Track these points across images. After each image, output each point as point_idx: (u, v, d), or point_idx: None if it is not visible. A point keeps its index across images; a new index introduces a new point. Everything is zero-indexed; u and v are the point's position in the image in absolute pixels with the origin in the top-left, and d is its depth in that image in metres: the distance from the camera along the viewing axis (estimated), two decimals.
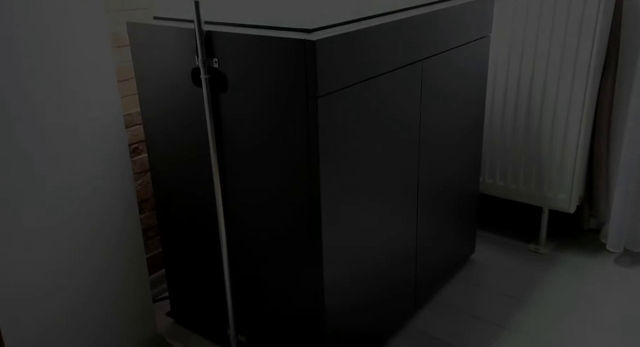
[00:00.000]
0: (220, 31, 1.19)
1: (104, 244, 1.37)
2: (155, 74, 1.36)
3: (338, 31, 1.13)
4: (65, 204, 1.28)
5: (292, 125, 1.16)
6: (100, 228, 1.35)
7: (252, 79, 1.19)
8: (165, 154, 1.45)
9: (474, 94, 1.70)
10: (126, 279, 1.44)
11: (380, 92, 1.29)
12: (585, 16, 1.71)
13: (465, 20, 1.54)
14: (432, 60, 1.44)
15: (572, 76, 1.79)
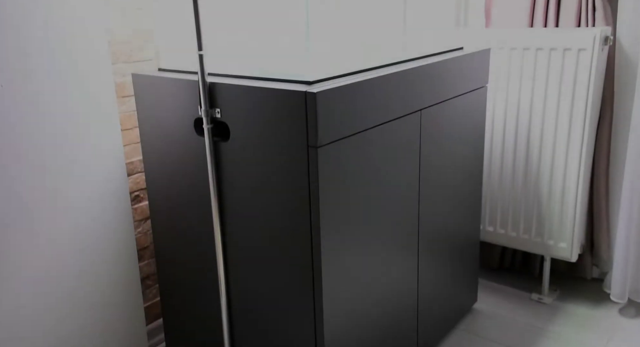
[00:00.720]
0: (223, 83, 1.22)
1: (101, 292, 1.35)
2: (159, 123, 1.39)
3: (338, 83, 1.16)
4: (64, 251, 1.27)
5: (293, 175, 1.17)
6: (99, 275, 1.34)
7: (253, 128, 1.21)
8: (166, 202, 1.46)
9: (472, 143, 1.72)
10: (123, 328, 1.41)
11: (380, 142, 1.31)
12: (580, 67, 1.75)
13: (463, 72, 1.58)
14: (430, 110, 1.47)
15: (568, 124, 1.82)
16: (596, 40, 1.70)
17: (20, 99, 1.18)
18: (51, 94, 1.22)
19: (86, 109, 1.29)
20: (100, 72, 1.30)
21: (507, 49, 1.86)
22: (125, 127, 1.57)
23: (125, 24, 1.51)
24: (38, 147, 1.20)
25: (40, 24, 1.20)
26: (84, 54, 1.28)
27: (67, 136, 1.25)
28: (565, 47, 1.75)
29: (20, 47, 1.17)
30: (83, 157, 1.28)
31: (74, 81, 1.27)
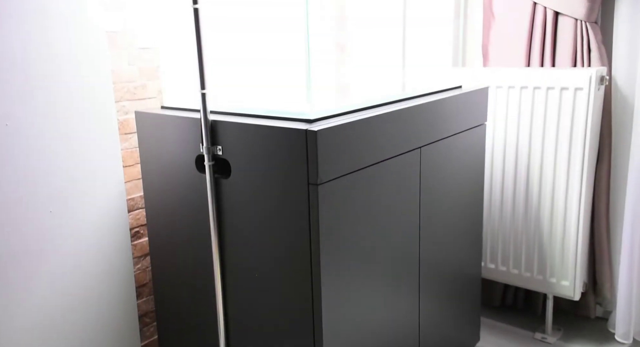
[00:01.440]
0: (225, 120, 1.23)
1: (98, 329, 1.34)
2: (160, 159, 1.40)
3: (339, 121, 1.18)
4: (61, 287, 1.26)
5: (293, 212, 1.18)
6: (96, 312, 1.33)
7: (254, 165, 1.21)
8: (166, 239, 1.45)
9: (472, 180, 1.72)
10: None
11: (380, 179, 1.32)
12: (577, 106, 1.78)
13: (462, 110, 1.60)
14: (430, 147, 1.48)
15: (567, 162, 1.83)
16: (592, 80, 1.72)
17: (24, 136, 1.20)
18: (54, 131, 1.23)
19: (89, 146, 1.30)
20: (103, 110, 1.32)
21: (505, 87, 1.89)
22: (127, 164, 1.58)
23: (130, 62, 1.54)
24: (40, 183, 1.20)
25: (44, 62, 1.22)
26: (88, 92, 1.30)
27: (70, 172, 1.26)
28: (562, 86, 1.78)
29: (24, 85, 1.19)
30: (84, 193, 1.29)
31: (78, 119, 1.29)
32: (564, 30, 1.86)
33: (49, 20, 1.21)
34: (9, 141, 1.18)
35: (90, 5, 1.29)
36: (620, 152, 1.92)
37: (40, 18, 1.20)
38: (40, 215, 1.21)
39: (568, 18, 1.83)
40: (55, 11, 1.22)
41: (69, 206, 1.26)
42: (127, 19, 1.51)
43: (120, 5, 1.49)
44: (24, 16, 1.18)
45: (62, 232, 1.25)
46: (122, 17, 1.50)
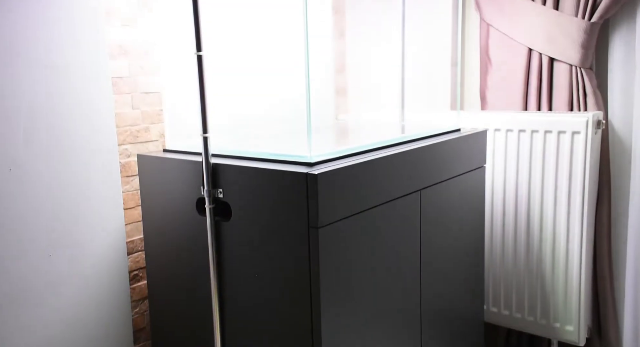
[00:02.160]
0: (226, 164, 1.25)
1: None
2: (161, 202, 1.40)
3: (339, 164, 1.19)
4: (57, 331, 1.24)
5: (294, 255, 1.17)
6: None
7: (255, 208, 1.22)
8: (165, 282, 1.44)
9: (472, 223, 1.72)
10: None
11: (380, 222, 1.32)
12: (575, 149, 1.79)
13: (461, 152, 1.61)
14: (430, 190, 1.49)
15: (567, 205, 1.83)
16: (589, 124, 1.75)
17: (26, 181, 1.20)
18: (57, 176, 1.24)
19: (90, 189, 1.31)
20: (106, 154, 1.33)
21: (503, 130, 1.91)
22: (127, 206, 1.59)
23: (134, 106, 1.57)
24: (40, 227, 1.21)
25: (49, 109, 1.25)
26: (92, 137, 1.32)
27: (70, 216, 1.26)
28: (559, 130, 1.80)
29: (29, 130, 1.21)
30: (85, 237, 1.29)
31: (81, 163, 1.30)
32: (559, 76, 1.90)
33: (55, 69, 1.25)
34: (11, 186, 1.19)
35: (95, 53, 1.33)
36: (620, 195, 1.93)
37: (46, 67, 1.23)
38: (39, 259, 1.21)
39: (563, 64, 1.87)
40: (61, 60, 1.25)
41: (68, 250, 1.25)
42: (131, 65, 1.55)
43: (124, 51, 1.53)
44: (30, 65, 1.21)
45: (61, 277, 1.24)
46: (126, 63, 1.53)
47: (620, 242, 1.95)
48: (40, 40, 1.22)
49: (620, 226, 1.94)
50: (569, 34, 1.83)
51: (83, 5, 1.29)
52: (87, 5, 1.30)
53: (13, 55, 1.18)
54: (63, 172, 1.27)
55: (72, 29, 1.27)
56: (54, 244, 1.24)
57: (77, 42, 1.28)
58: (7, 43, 1.17)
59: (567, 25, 1.83)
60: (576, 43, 1.83)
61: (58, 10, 1.25)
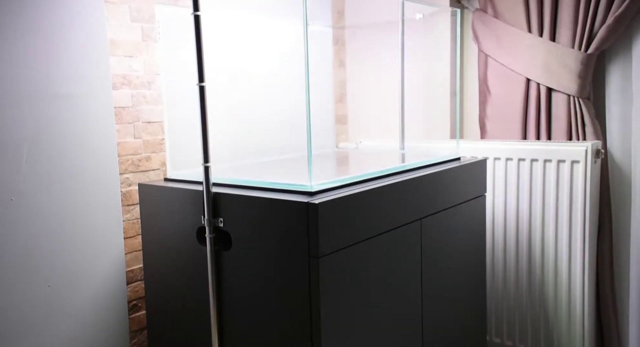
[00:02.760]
0: (227, 193, 1.25)
1: None
2: (161, 231, 1.40)
3: (339, 194, 1.19)
4: None
5: (294, 285, 1.16)
6: None
7: (255, 238, 1.22)
8: (164, 312, 1.43)
9: (473, 252, 1.72)
10: None
11: (381, 251, 1.31)
12: (574, 178, 1.80)
13: (461, 181, 1.62)
14: (430, 219, 1.49)
15: (568, 234, 1.83)
16: (588, 153, 1.76)
17: (27, 211, 1.21)
18: (58, 205, 1.25)
19: (91, 218, 1.31)
20: (108, 183, 1.34)
21: (503, 159, 1.92)
22: (128, 235, 1.58)
23: (136, 135, 1.58)
24: (40, 257, 1.20)
25: (53, 140, 1.26)
26: (94, 166, 1.33)
27: (71, 245, 1.26)
28: (559, 159, 1.81)
29: (31, 161, 1.22)
30: (84, 266, 1.28)
31: (82, 192, 1.30)
32: (557, 105, 1.91)
33: (59, 99, 1.26)
34: (13, 216, 1.19)
35: (99, 84, 1.34)
36: (621, 224, 1.93)
37: (50, 97, 1.25)
38: (38, 289, 1.20)
39: (561, 94, 1.89)
40: (65, 91, 1.27)
41: (67, 280, 1.25)
42: (134, 95, 1.57)
43: (128, 82, 1.55)
44: (34, 96, 1.22)
45: (60, 307, 1.23)
46: (129, 93, 1.55)
47: (622, 270, 1.93)
48: (45, 71, 1.24)
49: (622, 254, 1.93)
50: (566, 64, 1.86)
51: (88, 37, 1.32)
52: (93, 37, 1.32)
53: (17, 86, 1.20)
54: (64, 201, 1.27)
55: (77, 60, 1.29)
56: (54, 273, 1.23)
57: (81, 73, 1.30)
58: (12, 74, 1.19)
59: (564, 56, 1.86)
60: (573, 74, 1.85)
61: (64, 43, 1.27)
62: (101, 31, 1.34)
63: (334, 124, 2.18)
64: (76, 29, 1.29)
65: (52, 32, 1.25)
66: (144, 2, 1.57)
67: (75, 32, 1.29)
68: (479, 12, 2.06)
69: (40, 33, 1.23)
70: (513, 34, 1.95)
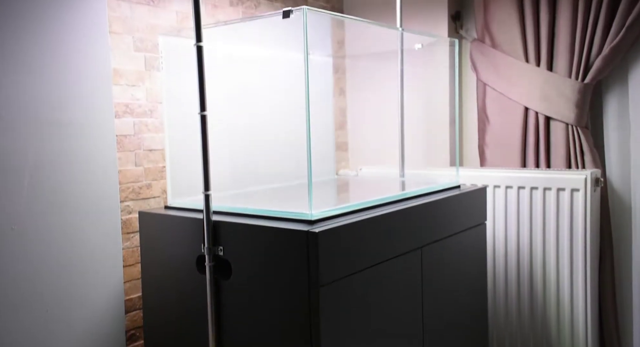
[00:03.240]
0: (227, 221, 1.25)
1: None
2: (161, 260, 1.39)
3: (339, 222, 1.19)
4: None
5: (294, 314, 1.15)
6: None
7: (255, 266, 1.21)
8: (163, 341, 1.41)
9: (474, 280, 1.70)
10: None
11: (382, 279, 1.31)
12: (574, 206, 1.80)
13: (461, 209, 1.62)
14: (431, 247, 1.48)
15: (570, 261, 1.82)
16: (588, 181, 1.76)
17: (27, 239, 1.21)
18: (58, 232, 1.24)
19: (91, 246, 1.31)
20: (108, 211, 1.34)
21: (503, 187, 1.92)
22: (127, 263, 1.58)
23: (137, 163, 1.59)
24: (40, 285, 1.20)
25: (55, 168, 1.26)
26: (95, 194, 1.33)
27: (70, 273, 1.25)
28: (558, 187, 1.81)
29: (33, 189, 1.22)
30: (83, 294, 1.27)
31: (83, 221, 1.30)
32: (556, 134, 1.93)
33: (62, 128, 1.27)
34: (13, 244, 1.19)
35: (102, 113, 1.36)
36: (623, 252, 1.92)
37: (53, 126, 1.26)
38: (36, 315, 1.19)
39: (559, 122, 1.91)
40: (68, 119, 1.28)
41: (65, 308, 1.24)
42: (136, 123, 1.58)
43: (130, 110, 1.56)
44: (37, 124, 1.23)
45: (57, 334, 1.22)
46: (131, 121, 1.57)
47: (625, 298, 1.92)
48: (48, 99, 1.25)
49: (624, 282, 1.92)
50: (563, 93, 1.88)
51: (92, 67, 1.34)
52: (96, 67, 1.34)
53: (21, 115, 1.21)
54: (64, 229, 1.27)
55: (80, 89, 1.31)
56: (52, 301, 1.22)
57: (84, 101, 1.32)
58: (15, 102, 1.21)
59: (561, 86, 1.88)
60: (571, 102, 1.87)
61: (67, 72, 1.29)
62: (105, 61, 1.36)
63: (334, 151, 2.19)
64: (80, 58, 1.31)
65: (56, 61, 1.26)
66: (148, 32, 1.60)
67: (79, 61, 1.31)
68: (477, 42, 2.09)
69: (44, 62, 1.25)
70: (511, 64, 1.98)
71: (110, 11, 1.50)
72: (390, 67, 2.23)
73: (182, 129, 1.52)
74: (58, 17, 1.27)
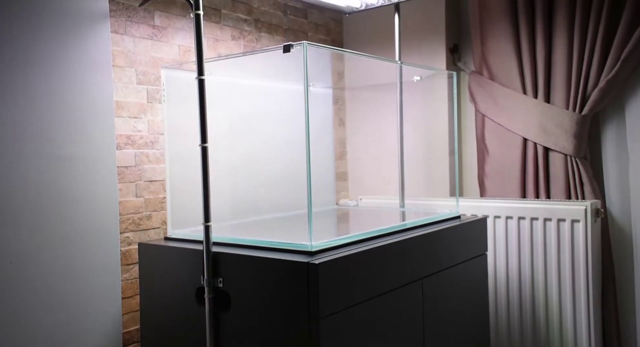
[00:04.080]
0: (227, 252, 1.25)
1: None
2: (160, 291, 1.38)
3: (340, 253, 1.19)
4: None
5: (294, 346, 1.14)
6: None
7: (255, 298, 1.20)
8: None
9: (476, 311, 1.69)
10: None
11: (383, 311, 1.29)
12: (575, 237, 1.79)
13: (462, 240, 1.61)
14: (432, 278, 1.47)
15: (572, 292, 1.80)
16: (588, 212, 1.76)
17: (26, 273, 1.20)
18: (57, 266, 1.24)
19: (90, 279, 1.30)
20: (108, 243, 1.34)
21: (503, 217, 1.92)
22: (126, 295, 1.57)
23: (137, 194, 1.59)
24: (38, 321, 1.19)
25: (55, 201, 1.27)
26: (95, 227, 1.33)
27: (68, 305, 1.24)
28: (559, 218, 1.81)
29: (32, 223, 1.22)
30: (80, 324, 1.26)
31: (82, 253, 1.30)
32: (555, 165, 1.94)
33: (63, 162, 1.28)
34: (12, 278, 1.18)
35: (103, 145, 1.37)
36: (625, 283, 1.90)
37: (55, 160, 1.27)
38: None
39: (558, 153, 1.92)
40: (70, 154, 1.29)
41: (63, 339, 1.22)
42: (137, 154, 1.59)
43: (132, 142, 1.58)
44: (39, 157, 1.24)
45: None
46: (132, 153, 1.58)
47: (629, 329, 1.89)
48: (50, 133, 1.26)
49: (627, 313, 1.89)
50: (561, 125, 1.89)
51: (95, 100, 1.35)
52: (99, 100, 1.36)
53: (22, 148, 1.22)
54: (63, 262, 1.26)
55: (83, 122, 1.32)
56: (50, 332, 1.21)
57: (86, 134, 1.33)
58: (17, 136, 1.22)
59: (559, 117, 1.90)
60: (569, 134, 1.88)
61: (70, 106, 1.30)
62: (108, 94, 1.38)
63: (334, 181, 2.20)
64: (83, 92, 1.33)
65: (59, 95, 1.28)
66: (150, 66, 1.63)
67: (83, 95, 1.33)
68: (475, 74, 2.12)
69: (47, 96, 1.27)
70: (508, 96, 2.00)
71: (114, 45, 1.53)
72: (390, 98, 2.25)
73: (183, 160, 1.53)
74: (62, 53, 1.29)
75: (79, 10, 1.32)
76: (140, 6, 1.59)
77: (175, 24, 1.70)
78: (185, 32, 1.72)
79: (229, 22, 1.88)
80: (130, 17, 1.58)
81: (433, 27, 2.16)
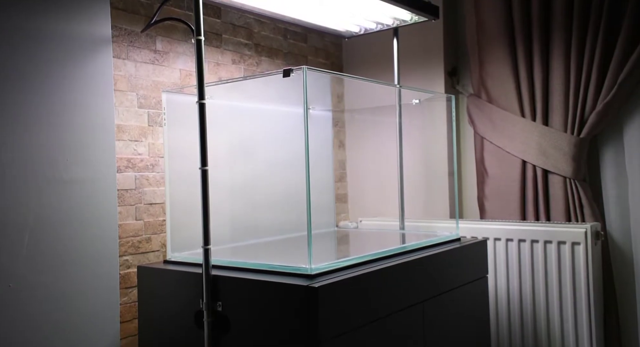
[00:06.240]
0: (226, 276, 1.24)
1: None
2: (159, 315, 1.38)
3: (339, 277, 1.18)
4: None
5: None
6: None
7: (254, 322, 1.19)
8: None
9: (477, 335, 1.67)
10: None
11: (384, 334, 1.28)
12: (576, 260, 1.79)
13: (462, 262, 1.61)
14: (433, 301, 1.46)
15: (574, 315, 1.79)
16: (588, 235, 1.76)
17: (24, 297, 1.20)
18: (55, 290, 1.24)
19: (88, 302, 1.29)
20: (107, 266, 1.34)
21: (503, 240, 1.92)
22: (124, 319, 1.55)
23: (137, 217, 1.59)
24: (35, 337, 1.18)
25: (54, 225, 1.27)
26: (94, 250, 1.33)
27: (67, 329, 1.24)
28: (559, 240, 1.81)
29: (31, 246, 1.22)
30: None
31: (81, 277, 1.30)
32: (554, 187, 1.94)
33: (64, 186, 1.29)
34: (10, 302, 1.18)
35: (104, 169, 1.38)
36: (627, 306, 1.89)
37: (55, 184, 1.27)
38: None
39: (557, 175, 1.93)
40: (70, 177, 1.30)
41: None
42: (137, 178, 1.60)
43: (132, 165, 1.58)
44: (40, 181, 1.25)
45: None
46: (133, 176, 1.58)
47: None
48: (51, 157, 1.27)
49: (630, 336, 1.88)
50: (559, 148, 1.90)
51: (96, 124, 1.36)
52: (100, 124, 1.37)
53: (23, 172, 1.23)
54: (62, 286, 1.26)
55: (83, 146, 1.33)
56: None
57: (87, 158, 1.34)
58: (17, 160, 1.22)
59: (557, 140, 1.91)
60: (568, 156, 1.89)
61: (71, 130, 1.31)
62: (109, 118, 1.39)
63: (334, 203, 2.20)
64: (85, 115, 1.34)
65: (60, 119, 1.29)
66: (151, 90, 1.64)
67: (84, 119, 1.34)
68: (473, 97, 2.14)
69: (48, 120, 1.28)
70: (507, 118, 2.01)
71: (116, 70, 1.55)
72: (389, 121, 2.27)
73: (183, 182, 1.53)
74: (65, 77, 1.31)
75: (82, 35, 1.34)
76: (142, 32, 1.61)
77: (177, 48, 1.72)
78: (186, 56, 1.74)
79: (229, 47, 1.90)
80: (132, 42, 1.60)
81: (431, 50, 2.19)
